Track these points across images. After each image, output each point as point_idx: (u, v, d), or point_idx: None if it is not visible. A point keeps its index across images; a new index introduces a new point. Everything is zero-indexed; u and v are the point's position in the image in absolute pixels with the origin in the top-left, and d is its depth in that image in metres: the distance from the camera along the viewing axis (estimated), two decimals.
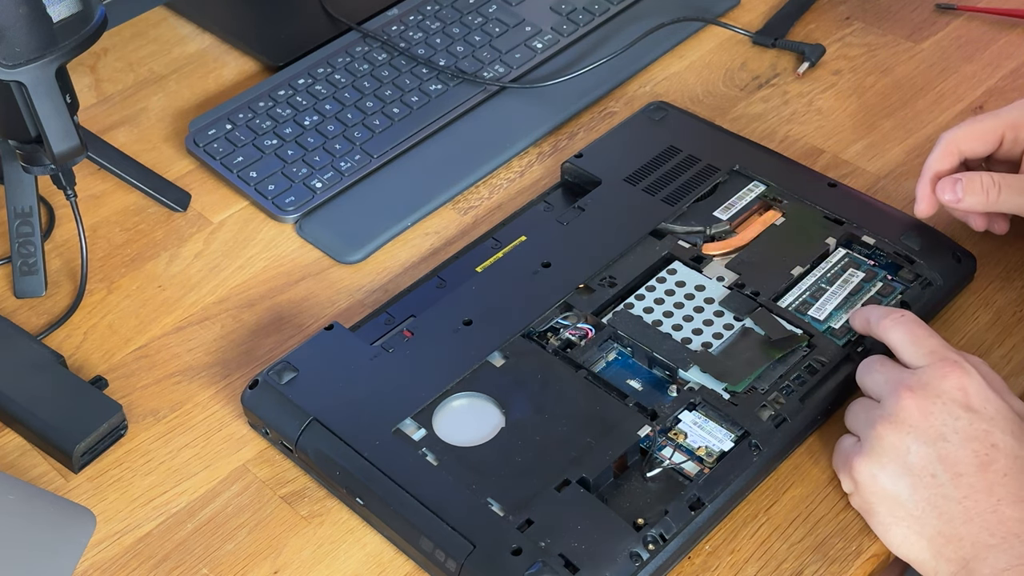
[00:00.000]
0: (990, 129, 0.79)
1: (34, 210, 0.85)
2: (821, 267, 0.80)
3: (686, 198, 0.85)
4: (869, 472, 0.66)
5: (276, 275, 0.87)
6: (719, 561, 0.69)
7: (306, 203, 0.90)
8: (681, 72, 1.01)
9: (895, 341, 0.69)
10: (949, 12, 1.05)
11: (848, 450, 0.68)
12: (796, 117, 0.96)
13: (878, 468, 0.66)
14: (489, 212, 0.91)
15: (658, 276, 0.80)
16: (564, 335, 0.77)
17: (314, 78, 0.99)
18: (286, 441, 0.73)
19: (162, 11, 1.11)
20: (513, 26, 1.04)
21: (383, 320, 0.80)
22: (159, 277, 0.88)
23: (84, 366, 0.82)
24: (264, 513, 0.73)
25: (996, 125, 0.78)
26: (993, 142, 0.79)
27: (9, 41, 0.72)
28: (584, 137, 0.96)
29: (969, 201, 0.77)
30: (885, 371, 0.68)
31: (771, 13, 1.06)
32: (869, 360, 0.70)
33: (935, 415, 0.65)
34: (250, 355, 0.82)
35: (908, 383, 0.66)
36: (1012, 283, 0.82)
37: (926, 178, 0.79)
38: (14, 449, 0.77)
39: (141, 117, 1.01)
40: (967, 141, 0.79)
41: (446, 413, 0.73)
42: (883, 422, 0.66)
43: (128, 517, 0.73)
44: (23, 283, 0.86)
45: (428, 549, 0.67)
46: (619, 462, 0.70)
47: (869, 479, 0.66)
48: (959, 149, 0.79)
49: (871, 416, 0.67)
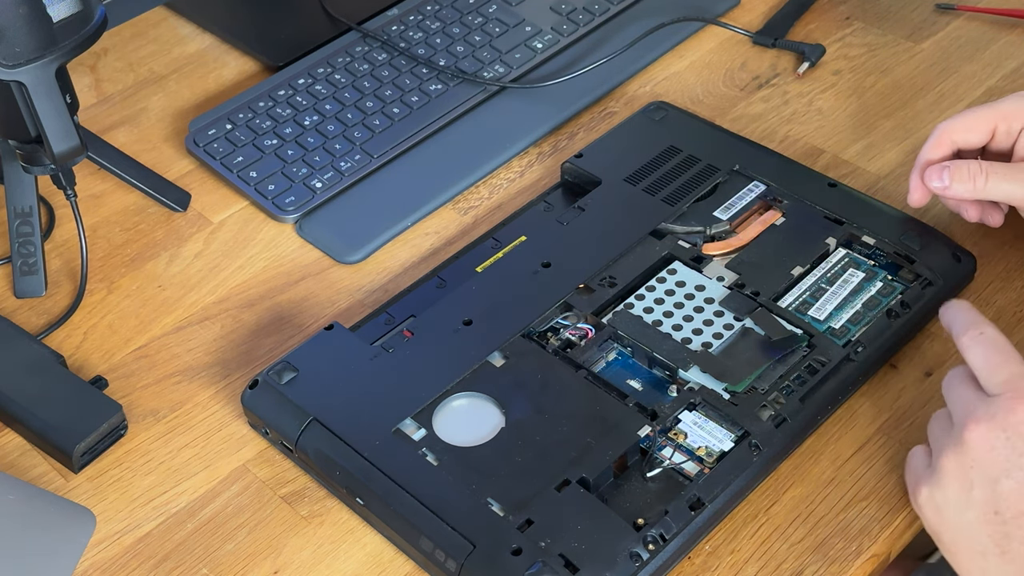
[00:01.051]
0: (983, 119, 0.79)
1: (34, 210, 0.85)
2: (821, 267, 0.80)
3: (686, 198, 0.85)
4: (934, 502, 0.65)
5: (276, 275, 0.87)
6: (719, 561, 0.69)
7: (306, 203, 0.90)
8: (681, 72, 1.01)
9: (972, 363, 0.66)
10: (949, 12, 1.05)
11: (918, 472, 0.67)
12: (796, 117, 0.96)
13: (942, 499, 0.64)
14: (489, 212, 0.91)
15: (658, 276, 0.80)
16: (564, 335, 0.77)
17: (314, 78, 0.99)
18: (286, 441, 0.73)
19: (162, 11, 1.11)
20: (513, 26, 1.04)
21: (383, 320, 0.80)
22: (159, 277, 0.88)
23: (84, 366, 0.82)
24: (264, 513, 0.73)
25: (989, 116, 0.79)
26: (986, 132, 0.79)
27: (9, 41, 0.72)
28: (584, 137, 0.96)
29: (956, 188, 0.77)
30: (963, 392, 0.66)
31: (771, 13, 1.06)
32: (953, 373, 0.67)
33: (999, 450, 0.62)
34: (250, 355, 0.82)
35: (977, 414, 0.63)
36: (1012, 283, 0.82)
37: (918, 168, 0.79)
38: (14, 449, 0.77)
39: (141, 117, 1.01)
40: (960, 131, 0.79)
41: (446, 413, 0.73)
42: (949, 452, 0.64)
43: (128, 517, 0.73)
44: (23, 283, 0.86)
45: (428, 549, 0.67)
46: (619, 462, 0.70)
47: (933, 509, 0.65)
48: (952, 139, 0.79)
49: (941, 442, 0.65)
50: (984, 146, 0.80)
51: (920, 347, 0.78)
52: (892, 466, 0.72)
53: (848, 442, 0.74)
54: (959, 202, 0.81)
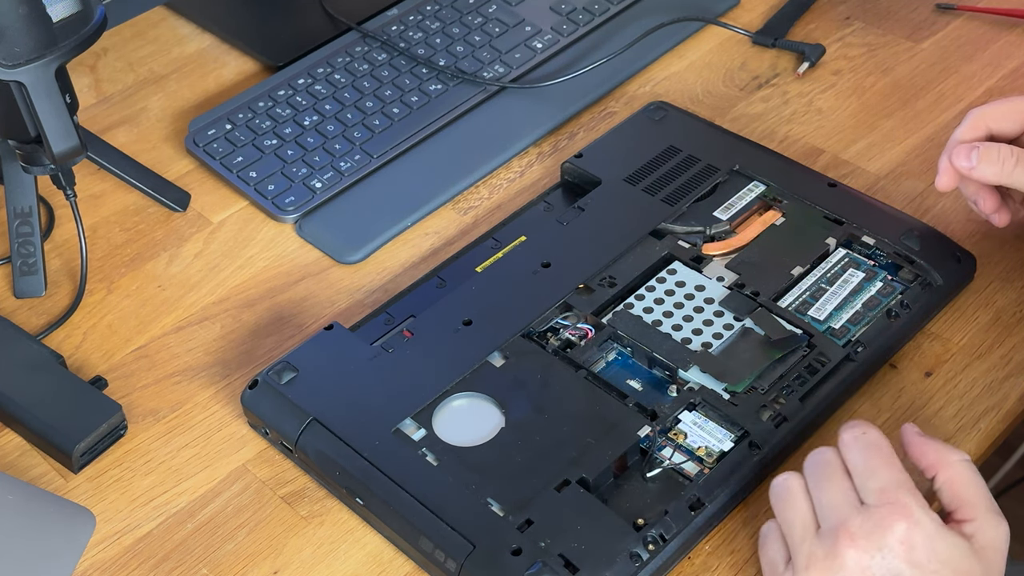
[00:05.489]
0: (1020, 109, 0.77)
1: (34, 210, 0.85)
2: (821, 267, 0.80)
3: (686, 198, 0.85)
4: None
5: (276, 275, 0.87)
6: (719, 561, 0.69)
7: (306, 203, 0.90)
8: (681, 72, 1.01)
9: (851, 462, 0.63)
10: (949, 12, 1.05)
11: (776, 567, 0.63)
12: (796, 117, 0.96)
13: None
14: (489, 212, 0.91)
15: (658, 276, 0.80)
16: (564, 335, 0.77)
17: (314, 78, 0.99)
18: (286, 441, 0.73)
19: (162, 11, 1.11)
20: (513, 26, 1.04)
21: (383, 320, 0.80)
22: (159, 277, 0.88)
23: (84, 366, 0.82)
24: (264, 513, 0.73)
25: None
26: (1022, 122, 0.77)
27: (9, 41, 0.72)
28: (584, 137, 0.96)
29: (982, 169, 0.75)
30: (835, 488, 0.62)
31: (771, 13, 1.06)
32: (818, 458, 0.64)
33: (873, 570, 0.59)
34: (250, 355, 0.82)
35: (851, 526, 0.60)
36: (1012, 283, 0.82)
37: (949, 149, 0.77)
38: (14, 449, 0.77)
39: (141, 117, 1.01)
40: (995, 119, 0.77)
41: (446, 413, 0.73)
42: (818, 564, 0.60)
43: (128, 517, 0.73)
44: (23, 283, 0.86)
45: (428, 549, 0.67)
46: (619, 462, 0.70)
47: None
48: (987, 125, 0.77)
49: (807, 546, 0.61)
50: (1017, 137, 0.78)
51: (920, 347, 0.78)
52: None
53: None
54: (978, 190, 0.79)
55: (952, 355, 0.78)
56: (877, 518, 0.60)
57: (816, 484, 0.63)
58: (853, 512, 0.61)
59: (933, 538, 0.59)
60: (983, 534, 0.61)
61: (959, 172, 0.77)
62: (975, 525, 0.61)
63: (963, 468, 0.63)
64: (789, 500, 0.64)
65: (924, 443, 0.64)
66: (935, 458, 0.63)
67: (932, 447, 0.64)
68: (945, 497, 0.63)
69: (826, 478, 0.63)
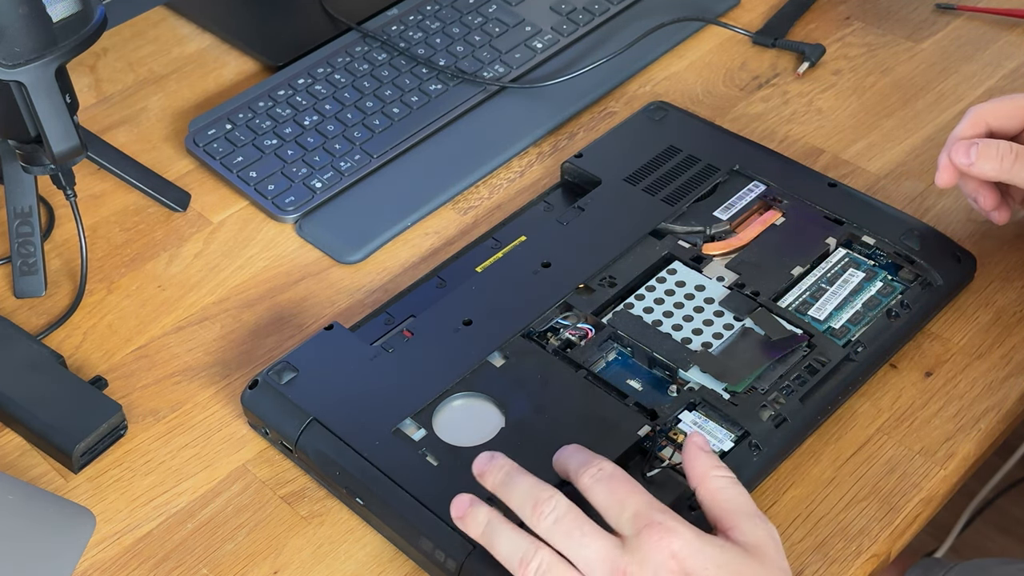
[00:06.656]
0: (1020, 107, 0.77)
1: (34, 210, 0.85)
2: (821, 267, 0.80)
3: (686, 198, 0.85)
4: None
5: (276, 275, 0.87)
6: None
7: (306, 203, 0.90)
8: (681, 72, 1.01)
9: (598, 502, 0.61)
10: (949, 12, 1.05)
11: None
12: (796, 117, 0.96)
13: None
14: (489, 212, 0.91)
15: (658, 276, 0.80)
16: (564, 335, 0.77)
17: (314, 78, 0.99)
18: (286, 441, 0.73)
19: (162, 11, 1.11)
20: (513, 26, 1.04)
21: (383, 320, 0.80)
22: (159, 277, 0.88)
23: (84, 366, 0.82)
24: (264, 513, 0.73)
25: None
26: (1022, 120, 0.77)
27: (9, 41, 0.72)
28: (584, 137, 0.96)
29: (981, 165, 0.75)
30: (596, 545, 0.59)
31: (771, 13, 1.06)
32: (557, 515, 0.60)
33: None
34: (250, 355, 0.82)
35: (623, 566, 0.58)
36: (1012, 283, 0.82)
37: (948, 146, 0.77)
38: (14, 449, 0.77)
39: (141, 117, 1.01)
40: (995, 116, 0.77)
41: (446, 413, 0.73)
42: None
43: (128, 517, 0.73)
44: (23, 283, 0.86)
45: (428, 549, 0.67)
46: (619, 462, 0.70)
47: None
48: (986, 122, 0.77)
49: None
50: (1017, 135, 0.78)
51: (920, 347, 0.78)
52: (892, 466, 0.72)
53: (848, 442, 0.74)
54: (977, 187, 0.79)
55: (952, 355, 0.78)
56: (642, 546, 0.58)
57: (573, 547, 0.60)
58: (617, 551, 0.59)
59: (699, 546, 0.59)
60: (752, 535, 0.60)
61: (958, 169, 0.77)
62: (739, 531, 0.60)
63: (722, 482, 0.62)
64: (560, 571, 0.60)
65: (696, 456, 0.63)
66: (700, 472, 0.62)
67: (701, 460, 0.63)
68: (707, 509, 0.62)
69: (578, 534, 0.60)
